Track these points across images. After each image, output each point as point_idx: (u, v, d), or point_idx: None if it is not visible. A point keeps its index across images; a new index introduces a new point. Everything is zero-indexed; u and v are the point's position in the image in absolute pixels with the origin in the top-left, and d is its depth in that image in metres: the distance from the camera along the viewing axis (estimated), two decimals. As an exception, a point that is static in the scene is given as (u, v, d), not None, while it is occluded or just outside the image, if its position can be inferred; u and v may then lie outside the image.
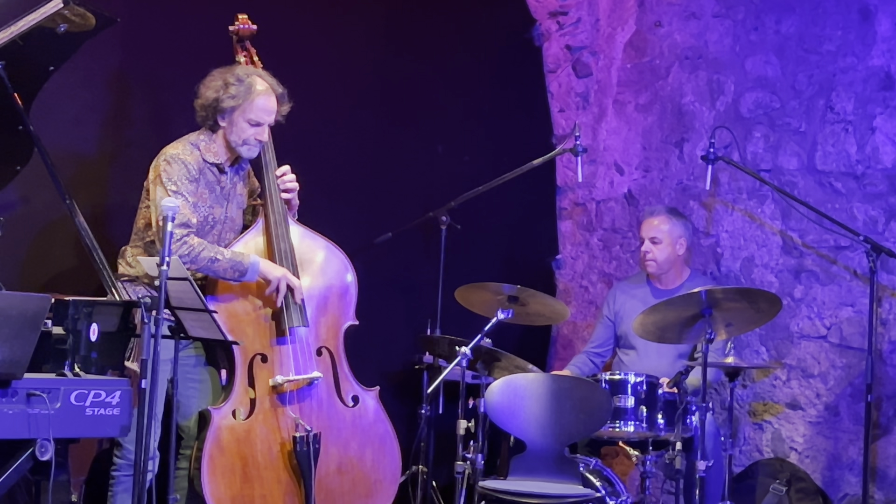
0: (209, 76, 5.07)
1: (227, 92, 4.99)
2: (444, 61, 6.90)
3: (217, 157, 5.07)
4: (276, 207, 5.19)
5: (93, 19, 4.63)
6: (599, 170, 7.25)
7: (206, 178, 5.03)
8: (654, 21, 7.01)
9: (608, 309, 6.35)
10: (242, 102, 5.01)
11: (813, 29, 6.35)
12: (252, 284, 5.08)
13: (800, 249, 6.34)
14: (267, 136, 5.11)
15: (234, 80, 5.01)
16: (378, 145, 6.64)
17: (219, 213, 5.09)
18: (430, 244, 6.32)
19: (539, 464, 5.25)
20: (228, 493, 4.97)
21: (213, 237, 5.06)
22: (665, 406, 5.53)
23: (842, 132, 6.22)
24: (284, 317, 5.11)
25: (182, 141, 5.05)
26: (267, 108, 5.06)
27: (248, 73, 5.06)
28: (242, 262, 4.99)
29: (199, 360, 5.17)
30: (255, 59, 5.33)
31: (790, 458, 6.27)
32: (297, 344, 5.15)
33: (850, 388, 6.12)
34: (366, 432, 5.28)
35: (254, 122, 5.04)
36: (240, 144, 5.07)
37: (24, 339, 3.81)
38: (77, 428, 4.00)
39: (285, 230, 5.19)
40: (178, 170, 4.92)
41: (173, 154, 4.96)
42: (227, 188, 5.13)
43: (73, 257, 5.32)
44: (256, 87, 5.03)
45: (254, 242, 5.18)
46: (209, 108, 5.02)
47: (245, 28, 5.33)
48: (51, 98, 4.98)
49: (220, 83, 5.02)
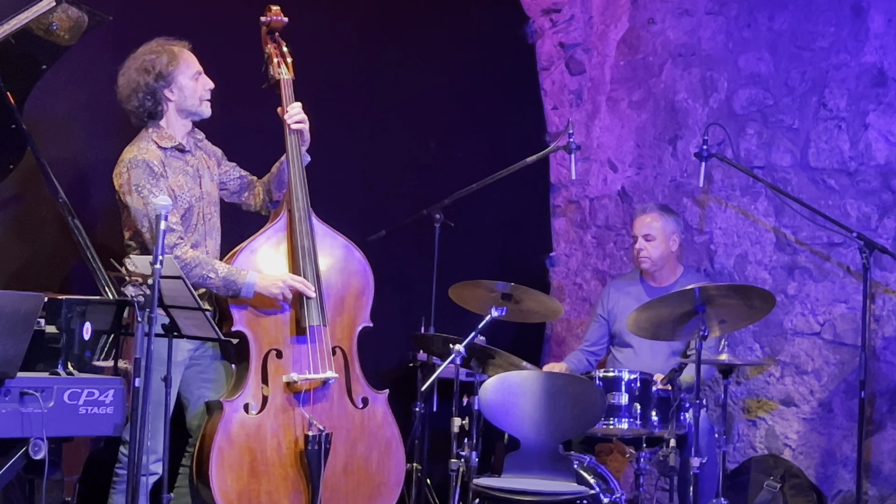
0: (121, 74, 4.99)
1: (158, 63, 4.93)
2: (437, 59, 6.90)
3: (173, 140, 5.00)
4: (300, 204, 5.15)
5: (85, 18, 4.63)
6: (593, 167, 7.25)
7: (171, 166, 4.96)
8: (647, 18, 7.02)
9: (602, 307, 6.35)
10: (177, 63, 4.96)
11: (806, 25, 6.35)
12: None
13: (793, 246, 6.34)
14: (211, 83, 5.06)
15: (152, 55, 4.95)
16: (371, 142, 6.63)
17: (196, 191, 5.05)
18: (424, 242, 6.31)
19: (533, 461, 5.25)
20: (235, 486, 4.96)
21: (196, 217, 5.02)
22: (659, 403, 5.53)
23: (835, 129, 6.22)
24: (304, 314, 5.10)
25: (134, 143, 4.98)
26: (194, 59, 5.04)
27: (152, 46, 4.99)
28: (237, 282, 4.94)
29: (214, 355, 5.16)
30: (285, 50, 5.32)
31: (784, 454, 6.28)
32: (315, 343, 5.12)
33: (844, 384, 6.13)
34: (373, 435, 5.27)
35: (195, 75, 5.01)
36: (197, 105, 5.03)
37: (17, 338, 3.81)
38: (70, 427, 4.01)
39: (308, 227, 5.16)
40: (142, 172, 4.84)
41: (131, 158, 4.89)
42: (195, 165, 5.08)
43: (67, 256, 5.30)
44: (173, 47, 4.99)
45: (276, 238, 5.16)
46: (153, 90, 4.93)
47: (277, 20, 5.31)
48: (44, 97, 4.96)
49: (144, 64, 4.94)
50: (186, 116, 5.05)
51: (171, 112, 5.01)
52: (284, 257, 5.14)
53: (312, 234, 5.17)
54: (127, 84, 4.98)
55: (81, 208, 4.81)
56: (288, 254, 5.14)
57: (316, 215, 5.25)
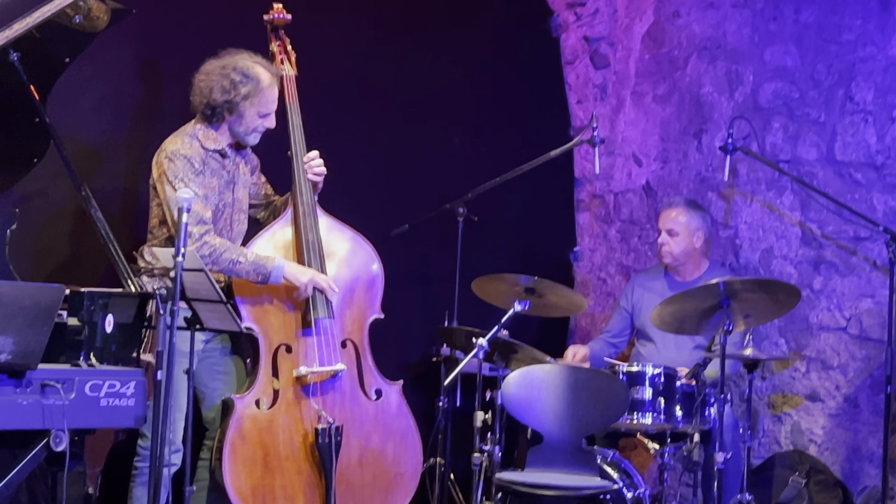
0: (206, 71, 5.02)
1: (237, 92, 4.96)
2: (461, 53, 6.88)
3: (218, 144, 5.05)
4: (305, 198, 5.18)
5: (107, 11, 4.63)
6: (617, 161, 7.22)
7: (209, 166, 5.01)
8: (672, 11, 6.98)
9: (626, 300, 6.32)
10: (254, 98, 4.99)
11: (832, 18, 6.31)
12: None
13: (819, 240, 6.30)
14: (274, 123, 5.11)
15: (240, 76, 4.97)
16: (394, 137, 6.63)
17: (228, 197, 5.10)
18: (447, 236, 6.30)
19: (556, 456, 5.23)
20: (249, 482, 4.97)
21: (223, 222, 5.06)
22: (683, 398, 5.50)
23: (861, 122, 6.18)
24: (310, 308, 5.10)
25: (179, 134, 5.03)
26: (275, 98, 5.08)
27: (248, 66, 5.01)
28: (266, 266, 4.97)
29: (224, 349, 5.18)
30: (289, 48, 5.37)
31: (809, 450, 6.24)
32: (321, 336, 5.13)
33: (870, 379, 6.09)
34: (388, 426, 5.26)
35: (263, 114, 5.05)
36: (248, 134, 5.08)
37: (37, 330, 3.82)
38: (91, 419, 4.01)
39: (314, 221, 5.18)
40: (182, 166, 4.90)
41: (174, 150, 4.94)
42: (232, 171, 5.12)
43: (89, 249, 5.31)
44: (263, 79, 5.01)
45: (282, 233, 5.18)
46: (218, 108, 4.99)
47: (280, 17, 5.38)
48: (67, 90, 4.97)
49: (226, 83, 4.97)
50: (233, 137, 5.11)
51: (224, 127, 5.08)
52: (291, 252, 5.14)
53: (317, 227, 5.18)
54: (201, 83, 5.02)
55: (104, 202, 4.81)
56: (294, 248, 5.15)
57: (322, 208, 5.26)
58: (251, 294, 5.05)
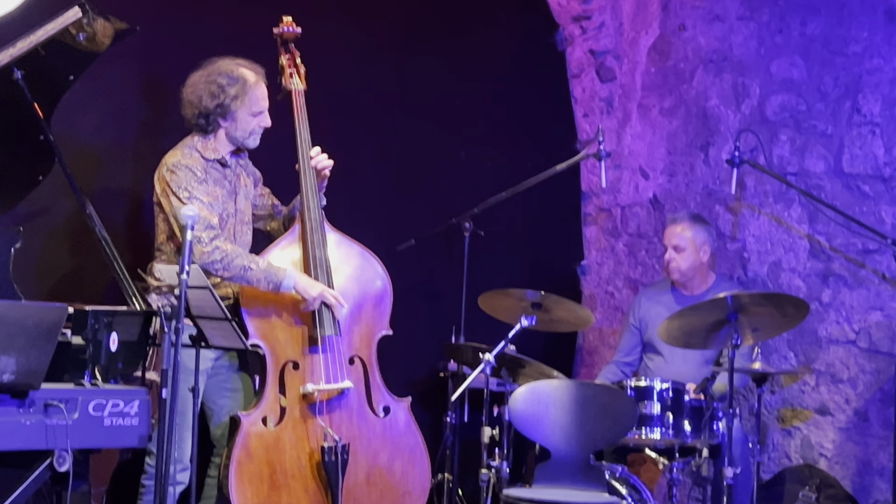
0: (192, 83, 5.05)
1: (225, 94, 4.99)
2: (467, 66, 6.87)
3: (217, 153, 5.07)
4: (313, 214, 5.17)
5: (111, 29, 4.63)
6: (624, 175, 7.21)
7: (212, 176, 5.03)
8: (677, 24, 6.97)
9: (633, 317, 6.30)
10: (243, 97, 5.01)
11: (838, 30, 6.29)
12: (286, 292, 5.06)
13: (827, 253, 6.28)
14: (269, 121, 5.11)
15: (226, 79, 5.01)
16: (400, 151, 6.63)
17: (230, 207, 5.10)
18: (454, 251, 6.29)
19: (564, 471, 5.20)
20: (256, 500, 4.96)
21: (227, 233, 5.05)
22: (691, 412, 5.48)
23: (869, 134, 6.15)
24: (317, 325, 5.09)
25: (178, 148, 5.04)
26: (264, 95, 5.10)
27: (232, 68, 5.05)
28: (277, 275, 4.96)
29: (232, 366, 5.17)
30: (298, 61, 5.36)
31: (819, 464, 6.21)
32: (328, 353, 5.12)
33: (880, 393, 6.06)
34: (396, 443, 5.24)
35: (256, 112, 5.07)
36: (246, 137, 5.09)
37: (40, 350, 3.80)
38: (95, 438, 3.99)
39: (321, 237, 5.17)
40: (184, 176, 4.92)
41: (175, 162, 4.96)
42: (233, 181, 5.13)
43: (94, 266, 5.31)
44: (249, 78, 5.04)
45: (290, 249, 5.17)
46: (210, 115, 5.01)
47: (290, 31, 5.38)
48: (71, 108, 4.97)
49: (213, 88, 5.00)
50: (232, 143, 5.11)
51: (221, 134, 5.09)
52: (298, 268, 5.12)
53: (325, 244, 5.17)
54: (190, 95, 5.05)
55: (108, 219, 4.80)
56: (302, 264, 5.13)
57: (330, 224, 5.25)
58: (258, 307, 5.03)
